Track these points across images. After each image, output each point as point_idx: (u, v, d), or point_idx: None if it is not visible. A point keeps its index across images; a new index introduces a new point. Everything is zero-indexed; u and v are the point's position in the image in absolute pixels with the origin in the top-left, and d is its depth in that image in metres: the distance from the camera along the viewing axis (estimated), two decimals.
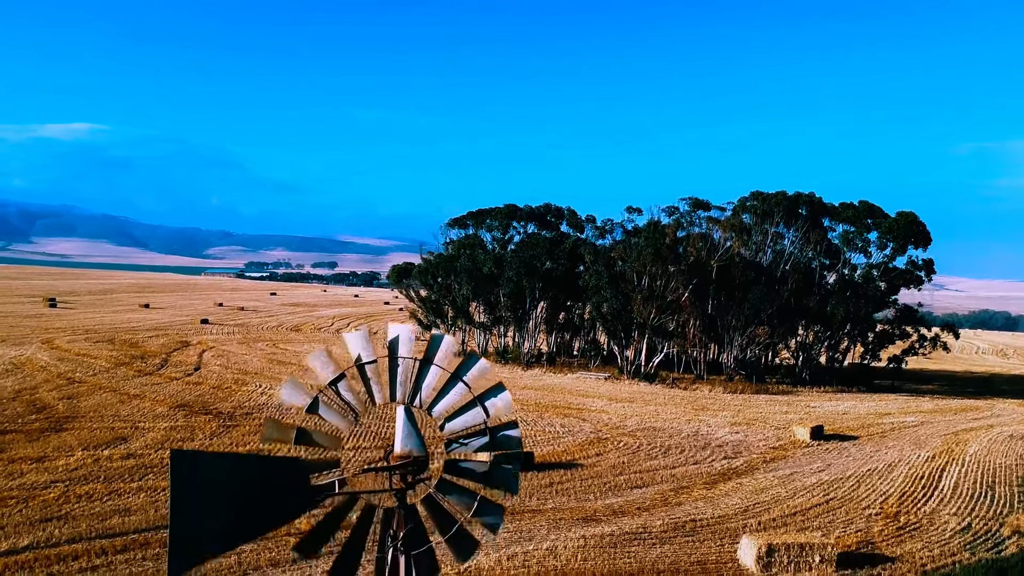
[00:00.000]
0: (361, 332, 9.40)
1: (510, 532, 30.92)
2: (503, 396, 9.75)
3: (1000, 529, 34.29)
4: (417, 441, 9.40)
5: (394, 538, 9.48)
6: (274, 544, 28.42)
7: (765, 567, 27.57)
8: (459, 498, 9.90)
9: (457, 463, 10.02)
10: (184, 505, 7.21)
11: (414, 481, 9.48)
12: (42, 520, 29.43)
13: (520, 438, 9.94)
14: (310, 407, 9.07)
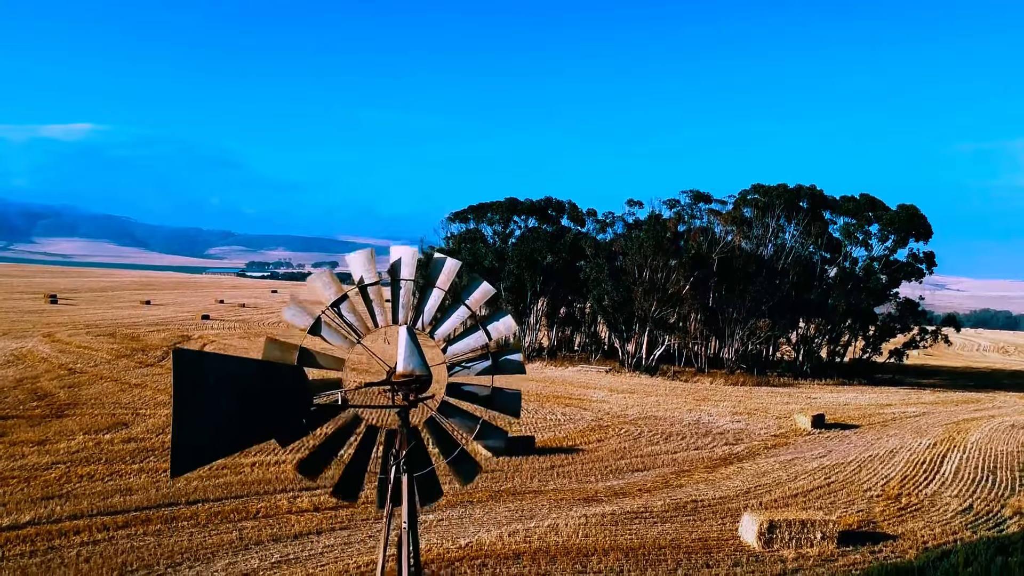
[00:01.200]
0: (364, 253, 9.36)
1: (511, 511, 30.92)
2: (505, 320, 9.72)
3: (1002, 510, 34.25)
4: (419, 360, 9.39)
5: (396, 457, 9.47)
6: (275, 520, 28.45)
7: (766, 543, 27.54)
8: (461, 421, 9.88)
9: (460, 386, 9.99)
10: (187, 405, 7.20)
11: (416, 400, 9.46)
12: (43, 498, 29.43)
13: (522, 362, 9.93)
14: (312, 328, 9.06)
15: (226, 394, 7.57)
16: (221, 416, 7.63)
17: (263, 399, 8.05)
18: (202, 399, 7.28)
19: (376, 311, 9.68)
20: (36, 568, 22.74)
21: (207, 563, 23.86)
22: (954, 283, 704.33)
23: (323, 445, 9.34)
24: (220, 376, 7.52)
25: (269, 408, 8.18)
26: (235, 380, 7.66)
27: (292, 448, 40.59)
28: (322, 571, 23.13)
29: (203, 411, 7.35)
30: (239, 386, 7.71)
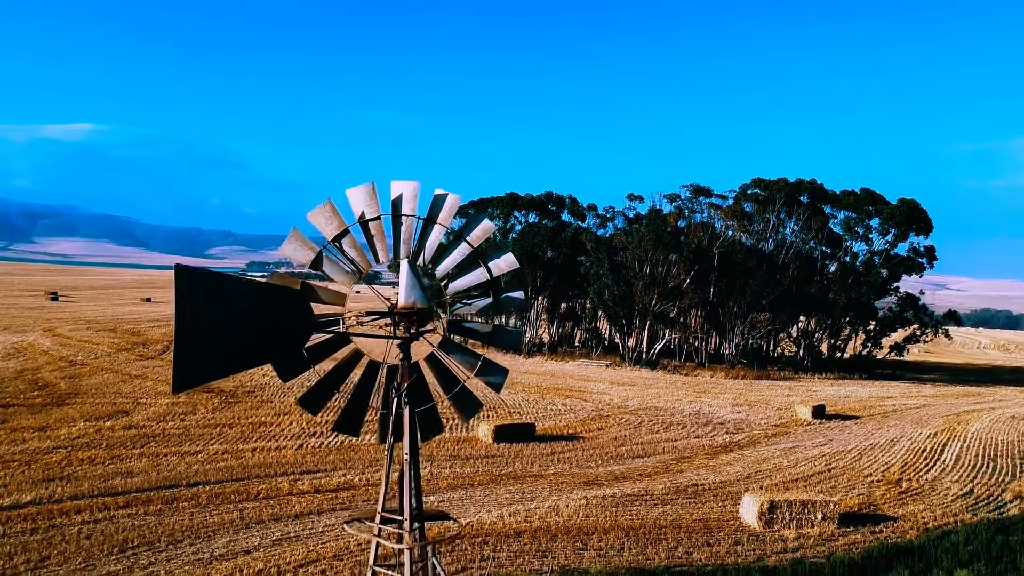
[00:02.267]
0: (365, 188, 9.36)
1: (512, 493, 30.94)
2: (506, 257, 9.72)
3: (1002, 494, 34.26)
4: (420, 293, 9.39)
5: (398, 390, 9.48)
6: (276, 502, 28.47)
7: (767, 524, 27.54)
8: (463, 357, 9.89)
9: (461, 323, 10.00)
10: (189, 321, 7.20)
11: (417, 332, 9.47)
12: (44, 480, 29.45)
13: (523, 299, 9.93)
14: (314, 262, 9.06)
15: (228, 314, 7.59)
16: (222, 335, 7.65)
17: (264, 323, 8.05)
18: (203, 317, 7.30)
19: (377, 247, 9.70)
20: (37, 544, 22.75)
21: (208, 540, 23.87)
22: (954, 283, 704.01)
23: (324, 380, 9.35)
24: (222, 295, 7.53)
25: (270, 333, 8.18)
26: (237, 301, 7.67)
27: (292, 433, 40.66)
28: (323, 548, 23.13)
29: (204, 329, 7.37)
30: (241, 307, 7.72)
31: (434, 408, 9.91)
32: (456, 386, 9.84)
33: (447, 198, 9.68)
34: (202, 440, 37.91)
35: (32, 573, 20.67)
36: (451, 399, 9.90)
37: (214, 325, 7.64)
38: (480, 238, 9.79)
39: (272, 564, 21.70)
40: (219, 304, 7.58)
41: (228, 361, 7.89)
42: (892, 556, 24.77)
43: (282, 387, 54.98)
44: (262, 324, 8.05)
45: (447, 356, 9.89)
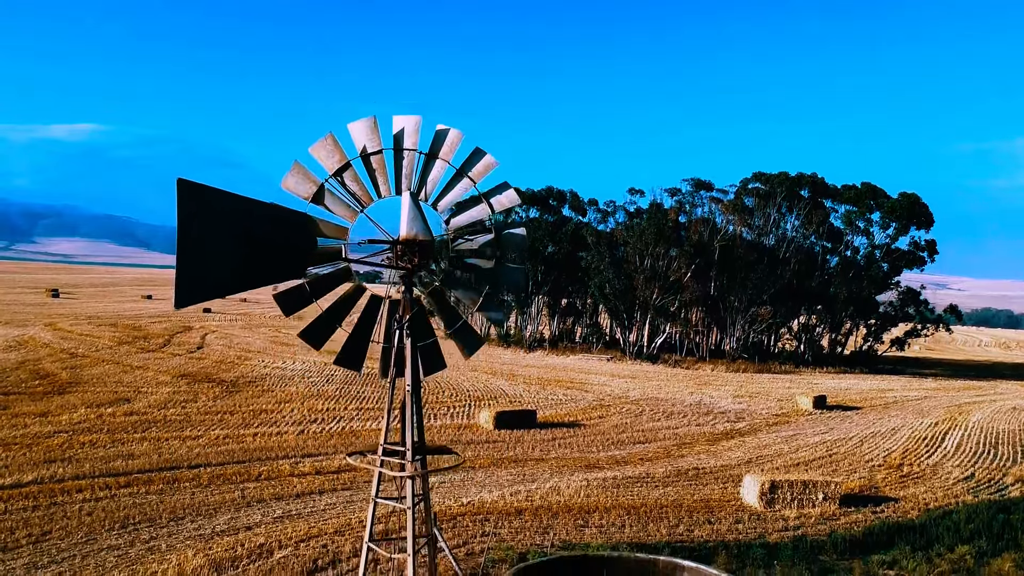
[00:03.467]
0: (366, 122, 9.34)
1: (513, 475, 30.95)
2: (508, 193, 9.72)
3: (1003, 478, 34.25)
4: (422, 225, 9.39)
5: (400, 323, 9.49)
6: (277, 482, 28.48)
7: (768, 504, 27.54)
8: (464, 292, 9.89)
9: (463, 259, 10.00)
10: (190, 237, 7.20)
11: (419, 264, 9.47)
12: (46, 461, 29.45)
13: (525, 237, 9.95)
14: (315, 196, 9.05)
15: (230, 232, 7.58)
16: (223, 253, 7.64)
17: (266, 244, 8.05)
18: (205, 233, 7.30)
19: (379, 181, 9.68)
20: (39, 519, 22.76)
21: (209, 518, 23.89)
22: (955, 283, 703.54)
23: (326, 313, 9.36)
24: (225, 213, 7.52)
25: (271, 256, 8.18)
26: (240, 220, 7.67)
27: (293, 419, 40.68)
28: (324, 524, 23.13)
29: (206, 245, 7.37)
30: (243, 226, 7.72)
31: (436, 344, 9.92)
32: (458, 321, 9.85)
33: (449, 133, 9.66)
34: (203, 426, 37.91)
35: (33, 546, 20.67)
36: (453, 334, 9.90)
37: (216, 242, 7.64)
38: (482, 174, 9.78)
39: (273, 539, 21.70)
40: (221, 221, 7.57)
41: (229, 280, 7.89)
42: (893, 533, 24.76)
43: (283, 377, 55.05)
44: (264, 246, 8.05)
45: (449, 291, 9.89)
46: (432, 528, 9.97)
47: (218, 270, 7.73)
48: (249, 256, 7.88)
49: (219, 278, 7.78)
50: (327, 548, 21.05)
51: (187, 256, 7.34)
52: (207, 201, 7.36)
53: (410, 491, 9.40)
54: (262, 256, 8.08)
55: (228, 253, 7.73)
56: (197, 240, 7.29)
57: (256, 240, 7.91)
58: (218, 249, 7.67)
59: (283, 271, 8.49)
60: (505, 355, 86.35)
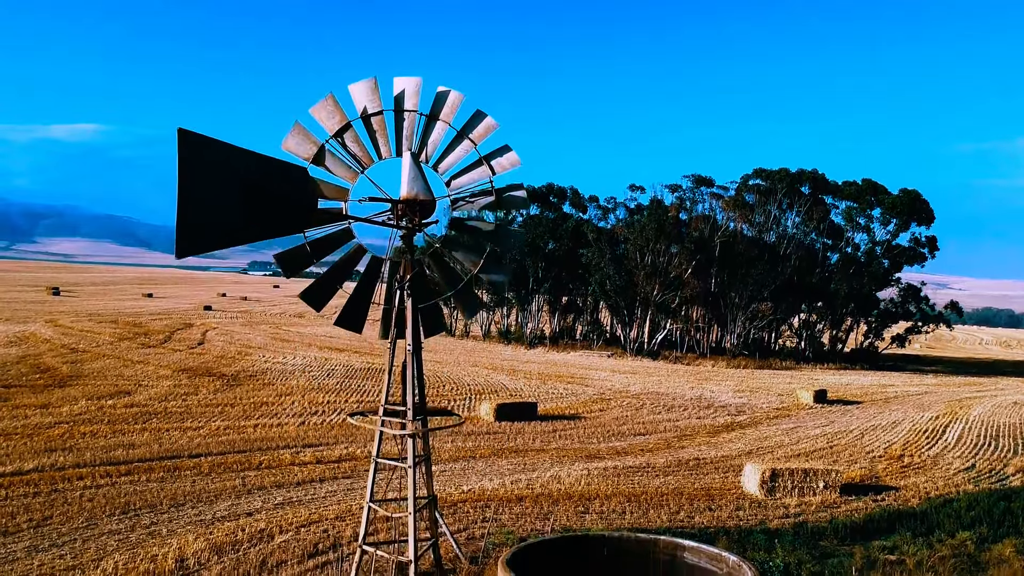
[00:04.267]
0: (367, 83, 9.32)
1: (513, 465, 30.95)
2: (509, 155, 9.69)
3: (1004, 468, 34.24)
4: (422, 185, 9.37)
5: (401, 283, 9.48)
6: (278, 471, 28.48)
7: (769, 492, 27.53)
8: (465, 254, 9.87)
9: (464, 221, 9.98)
10: (191, 187, 7.18)
11: (420, 224, 9.46)
12: (46, 450, 29.47)
13: (526, 198, 9.93)
14: (316, 156, 9.03)
15: (231, 184, 7.57)
16: (224, 205, 7.64)
17: (267, 198, 8.04)
18: (206, 184, 7.28)
19: (379, 142, 9.66)
20: (40, 505, 22.76)
21: (210, 504, 23.88)
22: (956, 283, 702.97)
23: (327, 274, 9.36)
24: (226, 165, 7.50)
25: (272, 210, 8.17)
26: (241, 172, 7.64)
27: (294, 411, 40.68)
28: (325, 511, 23.12)
29: (205, 195, 7.36)
30: (244, 179, 7.70)
31: (437, 305, 9.91)
32: (459, 283, 9.84)
33: (449, 95, 9.62)
34: (204, 417, 37.93)
35: (34, 531, 20.67)
36: (454, 296, 9.89)
37: (216, 193, 7.63)
38: (482, 136, 9.75)
39: (274, 524, 21.69)
40: (221, 173, 7.56)
41: (230, 231, 7.88)
42: (894, 520, 24.75)
43: (283, 372, 55.07)
44: (264, 198, 8.05)
45: (450, 252, 9.89)
46: (432, 489, 9.97)
47: (219, 221, 7.72)
48: (249, 209, 7.87)
49: (220, 229, 7.77)
50: (328, 533, 21.04)
51: (187, 206, 7.33)
52: (207, 152, 7.33)
53: (411, 450, 9.40)
54: (262, 209, 8.07)
55: (228, 205, 7.73)
56: (197, 191, 7.29)
57: (256, 192, 7.89)
58: (218, 200, 7.66)
59: (283, 225, 8.48)
60: (506, 351, 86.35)
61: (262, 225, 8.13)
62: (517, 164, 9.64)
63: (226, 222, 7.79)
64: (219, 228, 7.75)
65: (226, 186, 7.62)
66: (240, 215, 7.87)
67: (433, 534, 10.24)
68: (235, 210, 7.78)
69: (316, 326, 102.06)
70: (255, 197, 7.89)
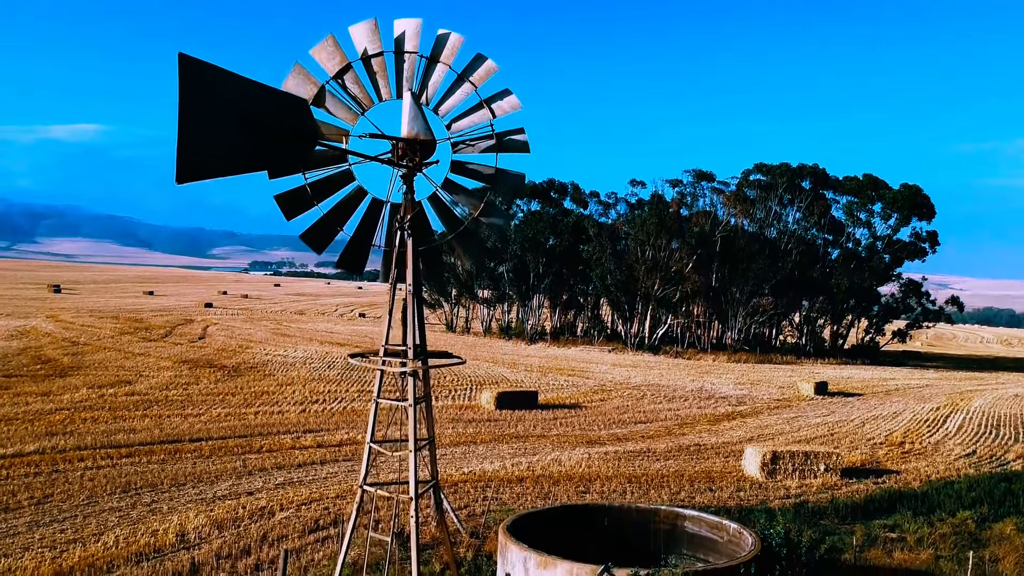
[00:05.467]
0: (367, 24, 9.31)
1: (514, 449, 30.96)
2: (509, 99, 9.70)
3: (1005, 455, 34.23)
4: (423, 124, 9.38)
5: (401, 223, 9.49)
6: (279, 454, 28.49)
7: (770, 474, 27.53)
8: (466, 198, 9.88)
9: (464, 164, 9.98)
10: (191, 113, 7.18)
11: (420, 163, 9.47)
12: (48, 434, 29.48)
13: (526, 142, 9.93)
14: (316, 98, 9.04)
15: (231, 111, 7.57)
16: (225, 132, 7.64)
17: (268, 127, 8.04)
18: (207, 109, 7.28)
19: (380, 83, 9.67)
20: (41, 484, 22.78)
21: (211, 484, 23.89)
22: (956, 283, 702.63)
23: (328, 216, 9.37)
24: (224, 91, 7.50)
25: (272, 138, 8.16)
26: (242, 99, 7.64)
27: (294, 400, 40.70)
28: (326, 490, 23.15)
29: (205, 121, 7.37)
30: (245, 106, 7.70)
31: (437, 248, 9.93)
32: (459, 226, 9.85)
33: (450, 37, 9.62)
34: (205, 405, 37.95)
35: (35, 507, 20.68)
36: (455, 239, 9.91)
37: (216, 120, 7.64)
38: (483, 79, 9.76)
39: (275, 502, 21.72)
40: (221, 99, 7.56)
41: (229, 159, 7.88)
42: (895, 500, 24.74)
43: (284, 363, 55.09)
44: (264, 127, 8.05)
45: (450, 196, 9.91)
46: (433, 431, 10.00)
47: (218, 149, 7.72)
48: (249, 137, 7.87)
49: (220, 157, 7.77)
50: (328, 510, 21.06)
51: (187, 132, 7.34)
52: (207, 78, 7.34)
53: (411, 389, 9.43)
54: (262, 138, 8.07)
55: (228, 132, 7.73)
56: (196, 117, 7.29)
57: (256, 121, 7.91)
58: (218, 127, 7.67)
59: (283, 157, 8.47)
60: (506, 346, 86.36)
61: (263, 154, 8.13)
62: (517, 107, 9.66)
63: (226, 150, 7.80)
64: (218, 155, 7.76)
65: (225, 113, 7.63)
66: (240, 143, 7.87)
67: (433, 474, 10.25)
68: (235, 138, 7.78)
69: (317, 322, 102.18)
70: (255, 125, 7.90)
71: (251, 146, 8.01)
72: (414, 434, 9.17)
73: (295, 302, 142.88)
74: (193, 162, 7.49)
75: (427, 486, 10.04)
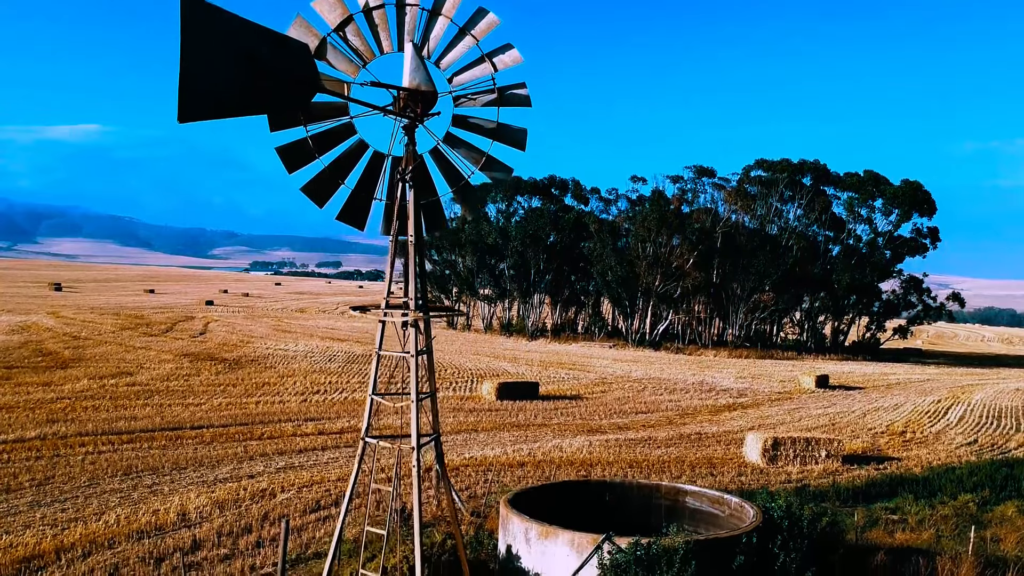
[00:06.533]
0: None
1: (515, 437, 30.95)
2: (511, 52, 9.71)
3: (1006, 443, 34.21)
4: (424, 75, 9.39)
5: (403, 174, 9.49)
6: (280, 441, 28.50)
7: (771, 460, 27.53)
8: (467, 152, 9.89)
9: (466, 118, 9.98)
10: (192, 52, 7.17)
11: (422, 115, 9.47)
12: (49, 421, 29.50)
13: (527, 96, 9.94)
14: (317, 51, 9.05)
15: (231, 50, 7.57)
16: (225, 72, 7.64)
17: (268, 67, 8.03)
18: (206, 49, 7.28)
19: (381, 36, 9.67)
20: (42, 467, 22.80)
21: (212, 468, 23.90)
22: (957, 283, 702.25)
23: (330, 168, 9.37)
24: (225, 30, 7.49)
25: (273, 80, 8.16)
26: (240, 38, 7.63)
27: (296, 390, 40.70)
28: (327, 474, 23.16)
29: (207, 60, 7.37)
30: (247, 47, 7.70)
31: (438, 202, 9.94)
32: (460, 180, 9.87)
33: None
34: (206, 395, 37.97)
35: (37, 488, 20.70)
36: (456, 192, 9.91)
37: (217, 59, 7.64)
38: (484, 32, 9.76)
39: (276, 485, 21.73)
40: (223, 39, 7.55)
41: (232, 99, 7.88)
42: (896, 485, 24.74)
43: (285, 357, 55.09)
44: (265, 69, 8.05)
45: (451, 150, 9.91)
46: (435, 385, 10.01)
47: (220, 88, 7.73)
48: (250, 78, 7.88)
49: (221, 96, 7.78)
50: (330, 492, 21.08)
51: (190, 70, 7.35)
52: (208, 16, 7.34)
53: (413, 339, 9.44)
54: (264, 80, 8.07)
55: (229, 72, 7.74)
56: (197, 55, 7.28)
57: (257, 61, 7.91)
58: (219, 67, 7.67)
59: (285, 100, 8.47)
60: (507, 343, 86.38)
61: (264, 96, 8.13)
62: (519, 61, 9.68)
63: (227, 90, 7.81)
64: (221, 94, 7.76)
65: (227, 53, 7.63)
66: (242, 83, 7.87)
67: (435, 428, 10.25)
68: (236, 79, 7.79)
69: (318, 319, 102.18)
70: (257, 66, 7.91)
71: (253, 88, 8.03)
72: (415, 384, 9.19)
73: (296, 300, 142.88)
74: (195, 101, 7.50)
75: (429, 439, 10.03)
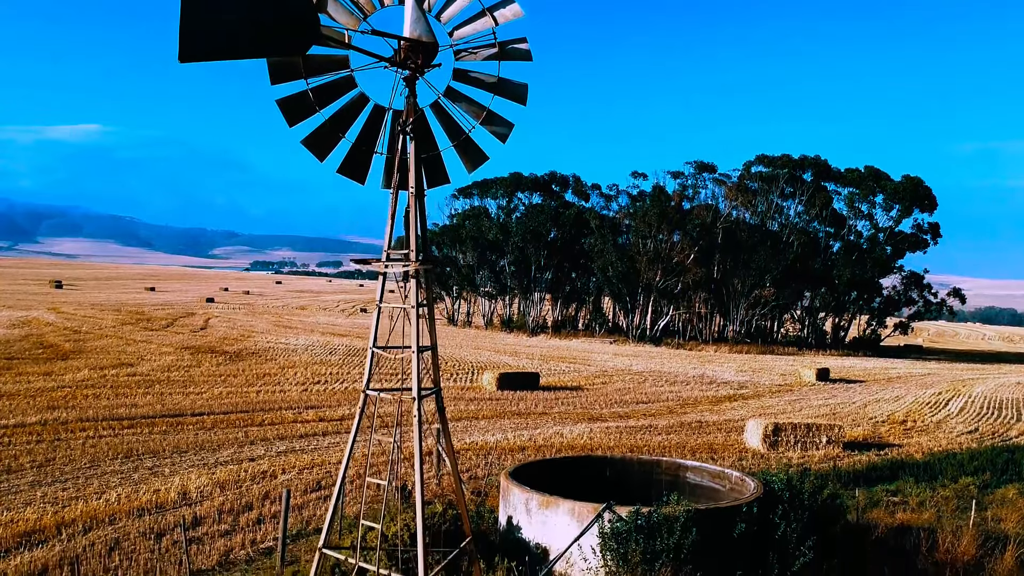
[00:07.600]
0: None
1: (516, 424, 30.95)
2: (511, 7, 9.70)
3: (1007, 431, 34.20)
4: (425, 27, 9.39)
5: (403, 126, 9.49)
6: (281, 427, 28.50)
7: (772, 446, 27.53)
8: (468, 106, 9.89)
9: (467, 72, 9.98)
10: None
11: (422, 66, 9.48)
12: (50, 408, 29.49)
13: (528, 50, 9.95)
14: (317, 2, 9.04)
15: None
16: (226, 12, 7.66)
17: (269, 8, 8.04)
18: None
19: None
20: (43, 450, 22.80)
21: (213, 452, 23.91)
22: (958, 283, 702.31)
23: (331, 122, 9.37)
24: None
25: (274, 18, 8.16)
26: None
27: (296, 381, 40.70)
28: (328, 457, 23.17)
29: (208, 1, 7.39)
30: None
31: (439, 157, 9.94)
32: (461, 135, 9.87)
33: None
34: (207, 384, 37.97)
35: (38, 470, 20.70)
36: (456, 147, 9.91)
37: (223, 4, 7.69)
38: None
39: (277, 467, 21.75)
40: None
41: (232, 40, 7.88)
42: (897, 469, 24.75)
43: (286, 350, 55.09)
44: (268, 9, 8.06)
45: (452, 104, 9.91)
46: (435, 339, 10.02)
47: (221, 29, 7.74)
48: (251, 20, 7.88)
49: (222, 38, 7.78)
50: (330, 474, 21.08)
51: (190, 10, 7.37)
52: None
53: (414, 290, 9.44)
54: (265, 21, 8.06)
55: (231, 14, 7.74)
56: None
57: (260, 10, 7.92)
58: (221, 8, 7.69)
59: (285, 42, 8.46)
60: (508, 338, 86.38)
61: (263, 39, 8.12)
62: (520, 15, 9.69)
63: (228, 31, 7.81)
64: (220, 36, 7.77)
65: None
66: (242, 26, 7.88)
67: (435, 382, 10.24)
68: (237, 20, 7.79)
69: (318, 316, 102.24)
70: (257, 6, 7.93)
71: (252, 31, 8.03)
72: (416, 335, 9.20)
73: (297, 298, 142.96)
74: (195, 41, 7.51)
75: (430, 391, 10.04)
